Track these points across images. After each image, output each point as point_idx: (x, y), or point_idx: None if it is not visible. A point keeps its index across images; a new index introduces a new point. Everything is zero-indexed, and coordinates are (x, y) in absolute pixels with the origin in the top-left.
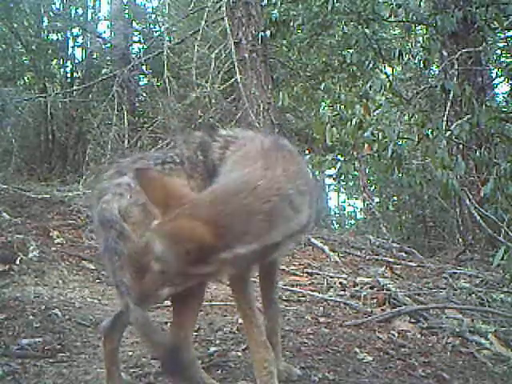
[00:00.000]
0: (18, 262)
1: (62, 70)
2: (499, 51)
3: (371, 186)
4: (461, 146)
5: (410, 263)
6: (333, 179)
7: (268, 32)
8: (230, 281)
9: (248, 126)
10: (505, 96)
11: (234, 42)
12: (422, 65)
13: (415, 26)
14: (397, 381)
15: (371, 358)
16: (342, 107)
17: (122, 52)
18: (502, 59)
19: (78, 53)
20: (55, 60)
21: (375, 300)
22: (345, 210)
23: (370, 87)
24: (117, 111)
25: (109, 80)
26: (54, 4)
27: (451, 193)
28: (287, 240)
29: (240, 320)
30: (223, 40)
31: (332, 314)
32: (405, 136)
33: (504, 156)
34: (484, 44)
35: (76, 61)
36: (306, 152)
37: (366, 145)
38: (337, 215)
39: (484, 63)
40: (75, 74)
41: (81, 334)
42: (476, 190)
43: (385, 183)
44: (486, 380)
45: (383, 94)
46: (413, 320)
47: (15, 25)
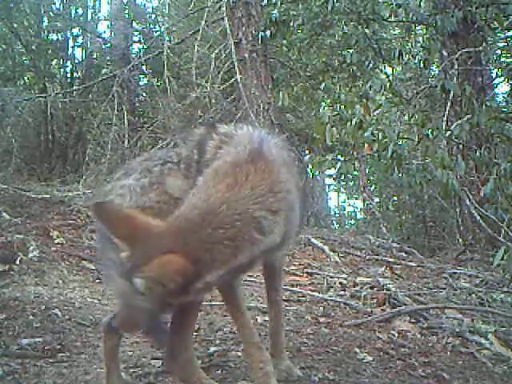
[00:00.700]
0: (18, 262)
1: (62, 70)
2: (499, 51)
3: (371, 186)
4: (461, 146)
5: (410, 263)
6: (333, 179)
7: (268, 32)
8: (218, 288)
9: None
10: (505, 96)
11: (234, 42)
12: (422, 65)
13: (415, 26)
14: (397, 381)
15: (371, 358)
16: (342, 107)
17: (122, 52)
18: (502, 59)
19: (78, 53)
20: (55, 60)
21: (375, 300)
22: (345, 210)
23: (370, 87)
24: (117, 111)
25: (109, 80)
26: (54, 4)
27: (451, 193)
28: (260, 259)
29: None
30: (223, 40)
31: (332, 314)
32: (405, 136)
33: (504, 156)
34: (484, 44)
35: (76, 61)
36: (306, 152)
37: (366, 145)
38: (337, 215)
39: (484, 63)
40: (75, 74)
41: (81, 334)
42: (476, 190)
43: (385, 183)
44: (486, 380)
45: (383, 94)
46: (413, 320)
47: (15, 25)
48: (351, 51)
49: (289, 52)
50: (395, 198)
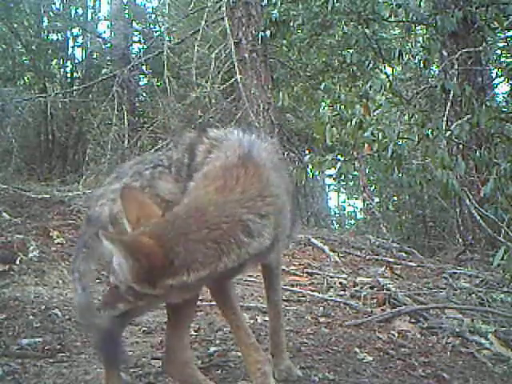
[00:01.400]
0: (18, 262)
1: (62, 70)
2: (499, 51)
3: (371, 186)
4: (461, 146)
5: (410, 263)
6: (333, 179)
7: (268, 32)
8: (210, 290)
9: (248, 126)
10: (505, 96)
11: (234, 42)
12: (422, 65)
13: (415, 26)
14: (397, 381)
15: (371, 358)
16: (342, 107)
17: (122, 52)
18: (502, 59)
19: (78, 53)
20: (55, 60)
21: (375, 300)
22: (345, 210)
23: (370, 87)
24: (117, 111)
25: (109, 80)
26: (54, 4)
27: (451, 193)
28: (250, 262)
29: None
30: (223, 40)
31: (332, 314)
32: (405, 136)
33: (504, 156)
34: (484, 44)
35: (76, 61)
36: (306, 152)
37: (366, 145)
38: (337, 215)
39: (484, 63)
40: (75, 74)
41: (81, 334)
42: (476, 190)
43: (385, 183)
44: (486, 380)
45: (383, 94)
46: (413, 320)
47: (15, 25)
48: (351, 51)
49: (289, 52)
50: (395, 198)
